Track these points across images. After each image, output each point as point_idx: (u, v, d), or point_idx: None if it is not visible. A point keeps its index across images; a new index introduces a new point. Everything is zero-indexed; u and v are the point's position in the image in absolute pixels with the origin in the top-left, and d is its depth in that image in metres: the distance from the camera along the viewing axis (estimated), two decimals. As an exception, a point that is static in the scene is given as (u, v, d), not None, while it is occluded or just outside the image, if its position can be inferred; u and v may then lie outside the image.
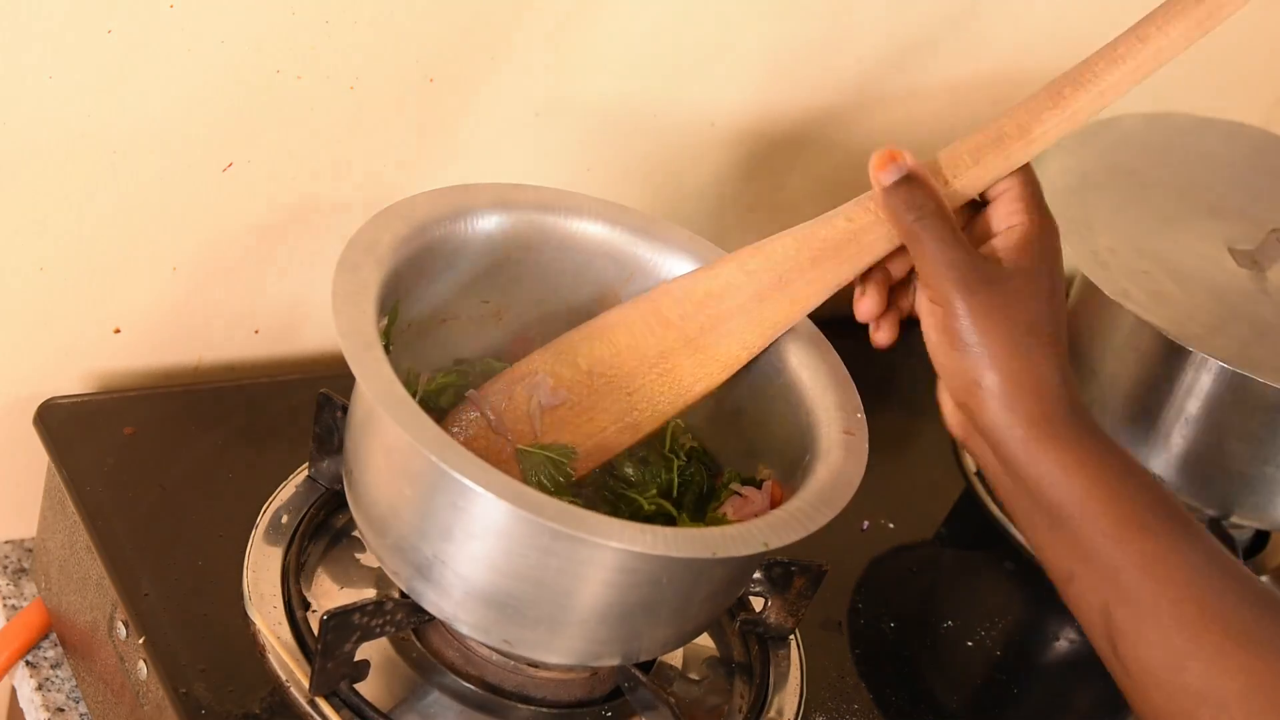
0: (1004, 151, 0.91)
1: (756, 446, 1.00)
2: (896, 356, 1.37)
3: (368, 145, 1.09)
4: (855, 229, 0.93)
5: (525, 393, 0.97)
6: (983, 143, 0.91)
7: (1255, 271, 1.20)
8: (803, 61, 1.25)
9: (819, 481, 0.90)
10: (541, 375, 0.97)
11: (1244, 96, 1.54)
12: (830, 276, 0.94)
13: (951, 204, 0.91)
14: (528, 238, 1.00)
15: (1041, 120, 0.91)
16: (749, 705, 1.00)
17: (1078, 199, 1.21)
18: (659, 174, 1.24)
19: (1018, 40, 1.35)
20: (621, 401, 0.97)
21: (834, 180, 1.36)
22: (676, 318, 0.97)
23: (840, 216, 0.93)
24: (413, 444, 0.82)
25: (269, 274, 1.12)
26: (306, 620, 0.94)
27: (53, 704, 1.04)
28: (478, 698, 0.94)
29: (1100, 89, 0.91)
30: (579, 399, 0.97)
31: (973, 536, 1.23)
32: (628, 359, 0.97)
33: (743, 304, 0.96)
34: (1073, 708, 1.12)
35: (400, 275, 0.93)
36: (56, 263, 1.03)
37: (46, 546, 1.05)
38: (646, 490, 0.98)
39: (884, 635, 1.11)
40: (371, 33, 1.03)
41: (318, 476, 1.03)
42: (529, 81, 1.12)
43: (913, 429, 1.30)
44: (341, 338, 0.85)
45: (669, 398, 0.97)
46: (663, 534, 0.83)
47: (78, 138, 0.98)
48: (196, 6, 0.96)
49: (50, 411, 1.04)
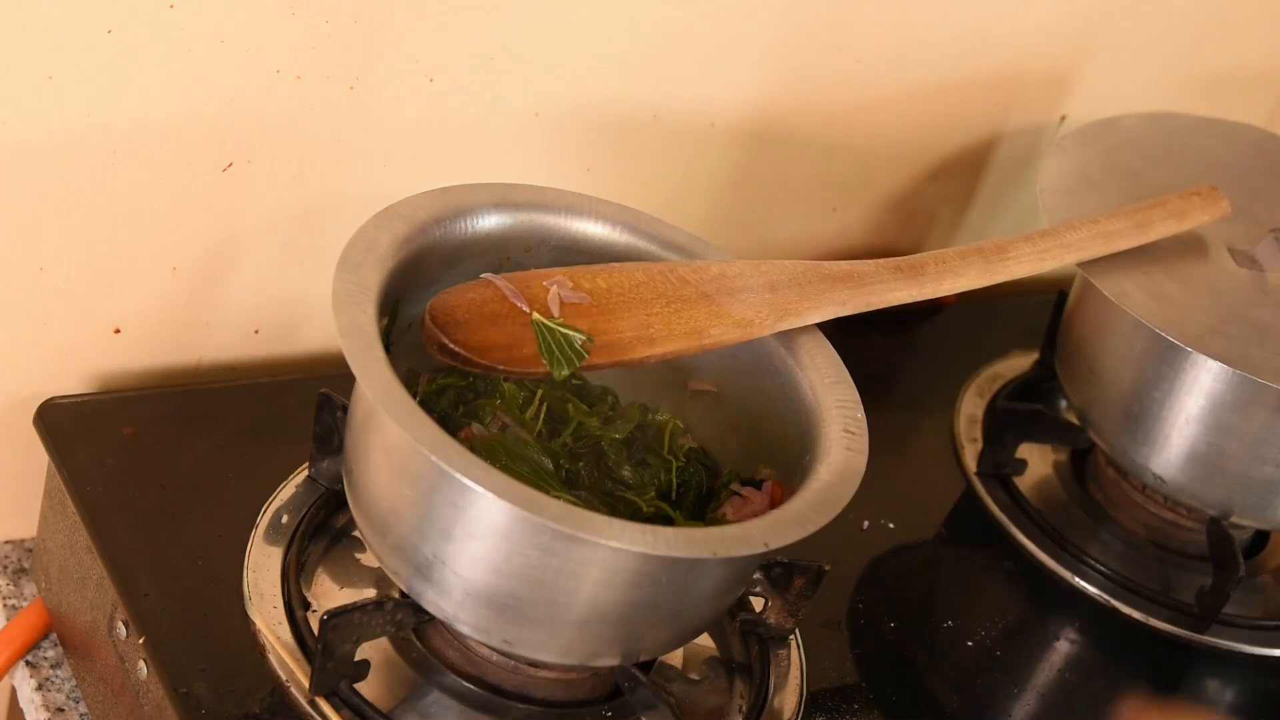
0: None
1: (756, 446, 1.00)
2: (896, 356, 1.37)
3: (368, 145, 1.09)
4: (860, 271, 1.01)
5: (545, 285, 0.97)
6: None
7: (1255, 271, 1.20)
8: (803, 61, 1.25)
9: (819, 481, 0.90)
10: (561, 277, 0.97)
11: (1244, 96, 1.54)
12: (840, 294, 1.00)
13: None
14: (528, 238, 1.00)
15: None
16: (749, 705, 1.00)
17: (1078, 199, 1.21)
18: (659, 174, 1.24)
19: (1018, 40, 1.35)
20: (639, 317, 0.97)
21: (834, 180, 1.36)
22: (692, 278, 0.99)
23: (845, 265, 1.02)
24: (413, 444, 0.82)
25: (269, 274, 1.12)
26: (306, 620, 0.94)
27: (53, 704, 1.04)
28: (478, 698, 0.94)
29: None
30: (598, 303, 0.97)
31: (973, 536, 1.23)
32: (645, 292, 0.98)
33: (755, 286, 0.99)
34: (1072, 708, 1.11)
35: (400, 275, 0.93)
36: (56, 263, 1.03)
37: (46, 546, 1.05)
38: (645, 492, 0.98)
39: (884, 635, 1.11)
40: (371, 33, 1.03)
41: (318, 476, 1.03)
42: (529, 81, 1.13)
43: (913, 429, 1.30)
44: (341, 338, 0.85)
45: (684, 331, 0.97)
46: (663, 534, 0.83)
47: (78, 138, 0.98)
48: (196, 6, 0.96)
49: (50, 411, 1.04)
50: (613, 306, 0.97)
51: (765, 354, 0.99)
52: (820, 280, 1.00)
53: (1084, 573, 1.21)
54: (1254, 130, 1.37)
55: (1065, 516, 1.26)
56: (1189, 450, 1.16)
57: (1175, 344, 1.11)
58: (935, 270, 1.04)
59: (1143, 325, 1.12)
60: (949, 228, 1.47)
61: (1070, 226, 1.12)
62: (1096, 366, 1.21)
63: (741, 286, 0.99)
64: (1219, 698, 1.18)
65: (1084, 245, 1.12)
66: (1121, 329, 1.18)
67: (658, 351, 0.97)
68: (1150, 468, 1.18)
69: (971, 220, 1.47)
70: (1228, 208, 1.20)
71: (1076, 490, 1.29)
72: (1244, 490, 1.17)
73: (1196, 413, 1.14)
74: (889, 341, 1.36)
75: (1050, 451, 1.32)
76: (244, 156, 1.05)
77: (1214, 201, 1.20)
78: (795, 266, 1.01)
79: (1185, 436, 1.16)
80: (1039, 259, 1.09)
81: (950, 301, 1.39)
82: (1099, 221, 1.14)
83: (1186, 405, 1.14)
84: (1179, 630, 1.19)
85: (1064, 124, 1.44)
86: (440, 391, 0.99)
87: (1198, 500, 1.19)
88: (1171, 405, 1.15)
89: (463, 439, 0.95)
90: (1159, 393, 1.15)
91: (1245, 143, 1.34)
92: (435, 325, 0.93)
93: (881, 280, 1.02)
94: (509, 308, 0.95)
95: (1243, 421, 1.13)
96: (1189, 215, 1.18)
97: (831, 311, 0.99)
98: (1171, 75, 1.47)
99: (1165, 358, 1.14)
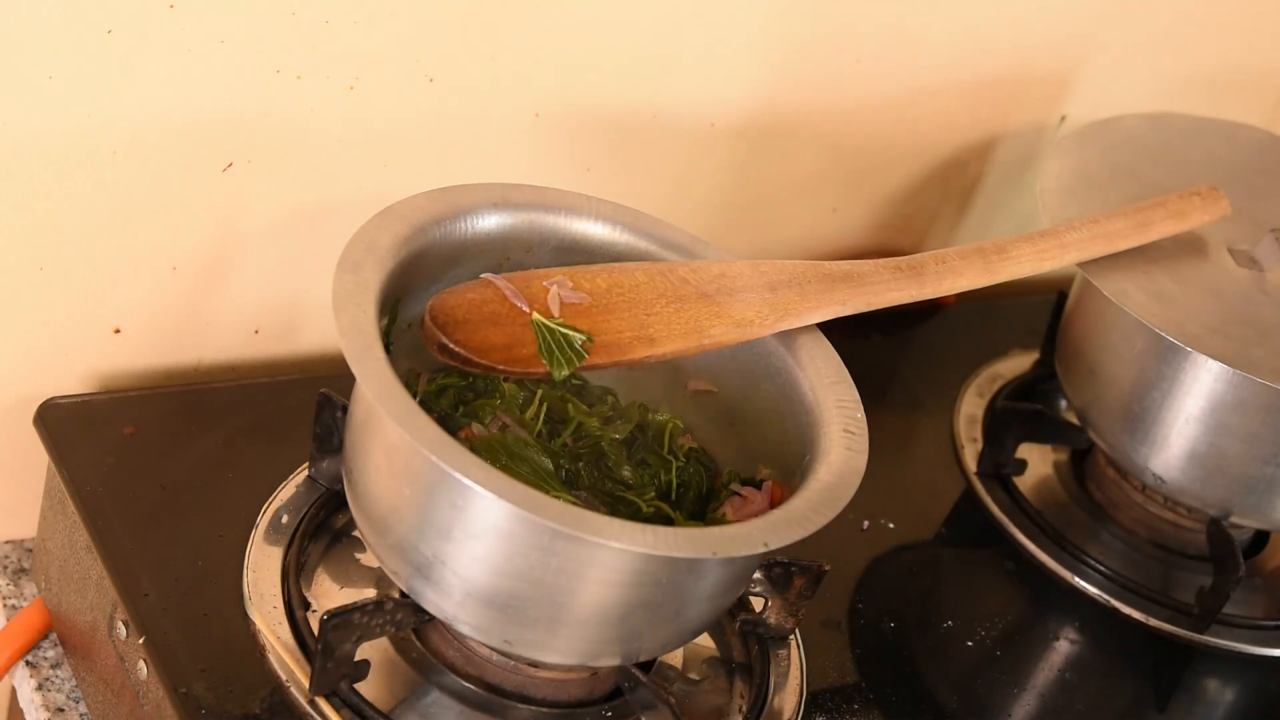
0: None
1: (756, 446, 1.00)
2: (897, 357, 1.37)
3: (368, 145, 1.09)
4: (860, 271, 1.00)
5: (545, 284, 0.97)
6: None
7: (1255, 271, 1.20)
8: (802, 61, 1.25)
9: (819, 481, 0.90)
10: (561, 277, 0.97)
11: (1244, 96, 1.54)
12: (839, 294, 0.99)
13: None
14: (528, 238, 1.00)
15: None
16: (749, 705, 1.00)
17: (1078, 199, 1.21)
18: (659, 174, 1.24)
19: (1018, 40, 1.35)
20: (640, 317, 0.97)
21: (834, 180, 1.36)
22: (693, 278, 0.99)
23: (846, 264, 1.02)
24: (413, 444, 0.82)
25: (269, 274, 1.12)
26: (306, 620, 0.94)
27: (53, 704, 1.04)
28: (478, 698, 0.94)
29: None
30: (598, 303, 0.97)
31: (973, 536, 1.23)
32: (645, 292, 0.98)
33: (755, 286, 0.99)
34: (1072, 708, 1.11)
35: (400, 275, 0.93)
36: (56, 263, 1.03)
37: (46, 546, 1.05)
38: (645, 492, 0.98)
39: (884, 635, 1.11)
40: (371, 33, 1.03)
41: (318, 476, 1.03)
42: (529, 81, 1.13)
43: (913, 429, 1.30)
44: (341, 338, 0.85)
45: (685, 330, 0.97)
46: (663, 534, 0.83)
47: (78, 138, 0.98)
48: (196, 6, 0.96)
49: (50, 411, 1.04)
50: (613, 306, 0.97)
51: (765, 354, 0.99)
52: (820, 280, 1.00)
53: (1084, 573, 1.21)
54: (1254, 130, 1.37)
55: (1065, 516, 1.26)
56: (1189, 450, 1.16)
57: (1175, 344, 1.11)
58: (935, 270, 1.04)
59: (1143, 325, 1.12)
60: (949, 228, 1.47)
61: (1070, 226, 1.12)
62: (1096, 366, 1.21)
63: (741, 286, 0.99)
64: (1219, 698, 1.18)
65: (1084, 245, 1.12)
66: (1121, 329, 1.18)
67: (658, 351, 0.97)
68: (1150, 468, 1.18)
69: (971, 220, 1.47)
70: (1228, 208, 1.20)
71: (1076, 490, 1.29)
72: (1244, 490, 1.17)
73: (1196, 413, 1.14)
74: (889, 341, 1.36)
75: (1050, 451, 1.32)
76: (244, 156, 1.05)
77: (1214, 201, 1.20)
78: (795, 266, 1.01)
79: (1185, 436, 1.16)
80: (1039, 259, 1.09)
81: (950, 301, 1.39)
82: (1099, 221, 1.14)
83: (1186, 405, 1.14)
84: (1179, 630, 1.19)
85: (1064, 124, 1.44)
86: (440, 391, 0.99)
87: (1198, 500, 1.19)
88: (1171, 405, 1.15)
89: (463, 439, 0.95)
90: (1159, 393, 1.15)
91: (1245, 143, 1.34)
92: (435, 325, 0.93)
93: (881, 280, 1.02)
94: (509, 308, 0.95)
95: (1243, 421, 1.13)
96: (1189, 215, 1.18)
97: (831, 311, 0.99)
98: (1171, 75, 1.47)
99: (1165, 358, 1.14)
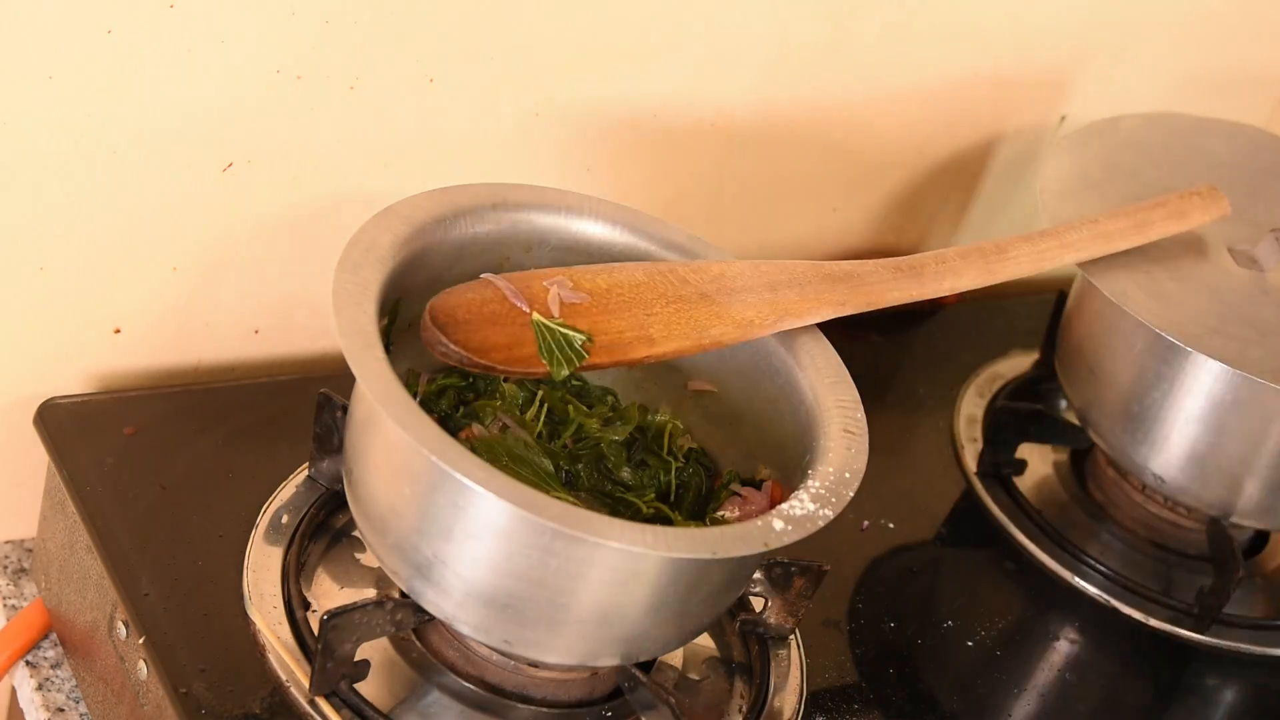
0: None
1: (756, 446, 1.00)
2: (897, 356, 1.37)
3: (368, 145, 1.09)
4: (860, 271, 1.00)
5: (545, 284, 0.97)
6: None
7: (1255, 271, 1.20)
8: (803, 61, 1.25)
9: (819, 482, 0.90)
10: (561, 277, 0.97)
11: (1244, 96, 1.54)
12: (839, 294, 0.99)
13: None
14: (528, 238, 1.00)
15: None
16: (749, 705, 1.00)
17: (1078, 199, 1.21)
18: (659, 174, 1.24)
19: (1018, 40, 1.35)
20: (640, 318, 0.97)
21: (834, 180, 1.36)
22: (693, 278, 0.99)
23: (845, 264, 1.02)
24: (413, 444, 0.82)
25: (269, 274, 1.12)
26: (306, 620, 0.94)
27: (53, 704, 1.04)
28: (478, 698, 0.94)
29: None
30: (598, 303, 0.97)
31: (973, 536, 1.23)
32: (645, 292, 0.98)
33: (755, 286, 0.99)
34: (1072, 708, 1.11)
35: (400, 275, 0.93)
36: (56, 263, 1.03)
37: (46, 546, 1.05)
38: (644, 493, 0.98)
39: (884, 635, 1.11)
40: (371, 33, 1.03)
41: (318, 476, 1.03)
42: (529, 81, 1.13)
43: (913, 429, 1.30)
44: (341, 338, 0.85)
45: (685, 330, 0.97)
46: (663, 534, 0.83)
47: (78, 138, 0.98)
48: (196, 6, 0.96)
49: (50, 411, 1.04)
50: (613, 306, 0.97)
51: (765, 354, 0.99)
52: (820, 280, 1.00)
53: (1084, 573, 1.21)
54: (1254, 130, 1.37)
55: (1065, 516, 1.26)
56: (1189, 450, 1.16)
57: (1175, 344, 1.11)
58: (935, 270, 1.04)
59: (1143, 325, 1.12)
60: (949, 228, 1.47)
61: (1070, 226, 1.12)
62: (1096, 366, 1.21)
63: (741, 286, 0.99)
64: (1219, 698, 1.18)
65: (1084, 245, 1.12)
66: (1121, 329, 1.18)
67: (658, 351, 0.97)
68: (1150, 468, 1.18)
69: (971, 220, 1.47)
70: (1228, 208, 1.20)
71: (1076, 490, 1.29)
72: (1244, 490, 1.17)
73: (1196, 413, 1.14)
74: (889, 341, 1.36)
75: (1050, 451, 1.32)
76: (244, 156, 1.05)
77: (1214, 201, 1.20)
78: (795, 266, 1.01)
79: (1185, 436, 1.16)
80: (1039, 259, 1.09)
81: (950, 301, 1.39)
82: (1099, 221, 1.14)
83: (1186, 405, 1.14)
84: (1179, 630, 1.19)
85: (1064, 124, 1.44)
86: (440, 392, 0.99)
87: (1198, 500, 1.19)
88: (1171, 405, 1.15)
89: (463, 440, 0.95)
90: (1159, 393, 1.15)
91: (1245, 143, 1.34)
92: (435, 325, 0.93)
93: (881, 280, 1.02)
94: (509, 308, 0.95)
95: (1243, 421, 1.13)
96: (1189, 215, 1.18)
97: (831, 311, 0.99)
98: (1171, 75, 1.47)
99: (1165, 358, 1.14)
